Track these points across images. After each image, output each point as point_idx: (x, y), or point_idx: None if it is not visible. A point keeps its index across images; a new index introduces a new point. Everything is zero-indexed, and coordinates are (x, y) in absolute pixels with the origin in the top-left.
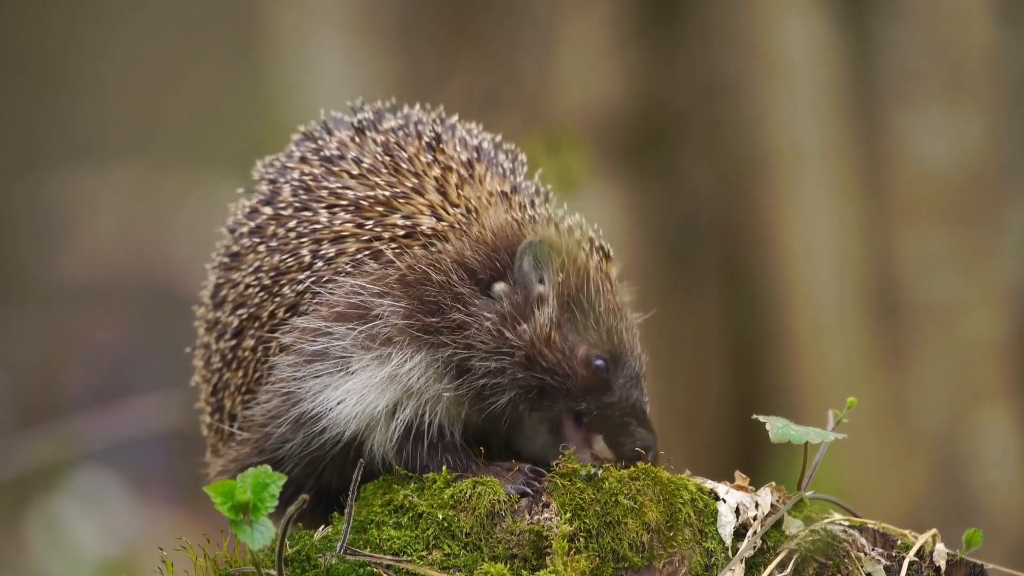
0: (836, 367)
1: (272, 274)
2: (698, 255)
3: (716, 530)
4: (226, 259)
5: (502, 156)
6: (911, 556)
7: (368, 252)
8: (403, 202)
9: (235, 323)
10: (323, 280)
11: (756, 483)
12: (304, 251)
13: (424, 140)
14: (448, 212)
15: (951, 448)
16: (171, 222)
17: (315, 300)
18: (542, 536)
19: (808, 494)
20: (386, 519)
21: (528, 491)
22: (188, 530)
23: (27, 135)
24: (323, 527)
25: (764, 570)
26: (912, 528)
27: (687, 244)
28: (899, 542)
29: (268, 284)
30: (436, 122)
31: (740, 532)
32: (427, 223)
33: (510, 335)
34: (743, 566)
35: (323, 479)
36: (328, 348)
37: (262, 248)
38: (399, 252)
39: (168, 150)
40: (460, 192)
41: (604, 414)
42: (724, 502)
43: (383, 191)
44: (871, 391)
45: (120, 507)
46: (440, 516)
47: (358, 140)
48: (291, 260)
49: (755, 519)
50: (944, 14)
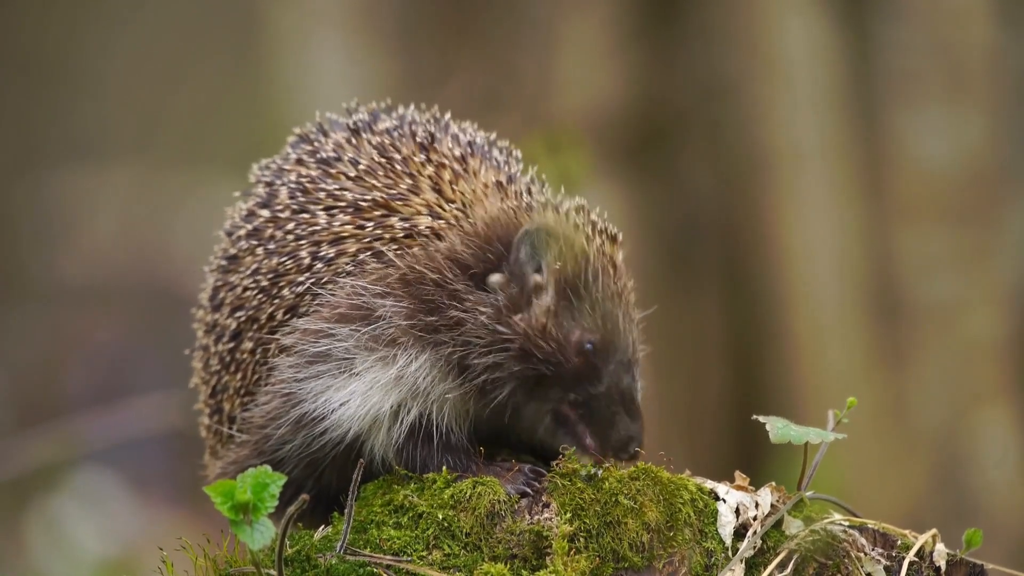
0: (836, 367)
1: (270, 276)
2: (698, 255)
3: (716, 530)
4: (224, 262)
5: (496, 151)
6: (911, 556)
7: (369, 253)
8: (400, 203)
9: (233, 325)
10: (323, 282)
11: (756, 483)
12: (303, 253)
13: (417, 140)
14: (445, 209)
15: (951, 448)
16: (171, 222)
17: (315, 302)
18: (542, 536)
19: (808, 494)
20: (386, 519)
21: (528, 491)
22: (188, 530)
23: (27, 135)
24: (323, 527)
25: (764, 570)
26: (912, 528)
27: (687, 244)
28: (899, 542)
29: (266, 286)
30: (430, 122)
31: (740, 532)
32: (424, 222)
33: (505, 328)
34: (743, 566)
35: (323, 480)
36: (330, 349)
37: (260, 251)
38: (399, 252)
39: (168, 150)
40: (455, 187)
41: (591, 404)
42: (724, 502)
43: (380, 193)
44: (871, 391)
45: (120, 507)
46: (440, 516)
47: (354, 142)
48: (290, 262)
49: (755, 519)
50: (944, 14)
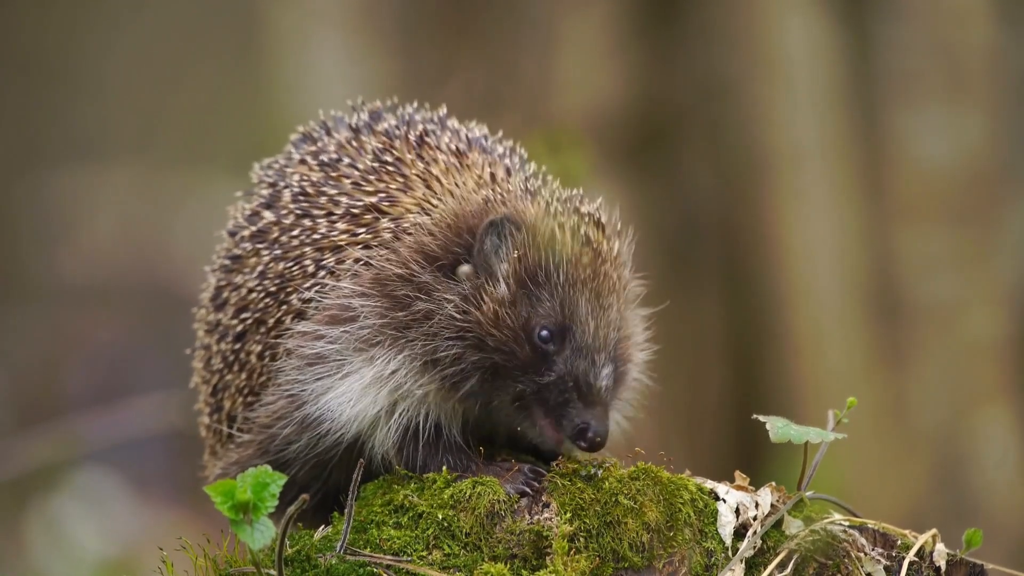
0: (836, 367)
1: (278, 281)
2: (698, 255)
3: (716, 530)
4: (227, 261)
5: (499, 146)
6: (911, 556)
7: (364, 260)
8: (388, 205)
9: (238, 327)
10: (326, 289)
11: (756, 483)
12: (307, 260)
13: (411, 139)
14: (433, 204)
15: (951, 448)
16: (171, 222)
17: (314, 305)
18: (542, 536)
19: (808, 494)
20: (386, 519)
21: (528, 491)
22: (188, 530)
23: (27, 135)
24: (323, 527)
25: (764, 570)
26: (912, 528)
27: (687, 244)
28: (899, 542)
29: (274, 291)
30: (429, 120)
31: (740, 532)
32: (411, 220)
33: (464, 318)
34: (743, 566)
35: (330, 481)
36: (324, 351)
37: (265, 253)
38: (379, 253)
39: (168, 150)
40: (444, 182)
41: (544, 393)
42: (724, 502)
43: (372, 197)
44: (871, 391)
45: (120, 507)
46: (440, 516)
47: (355, 143)
48: (296, 269)
49: (755, 519)
50: (944, 14)
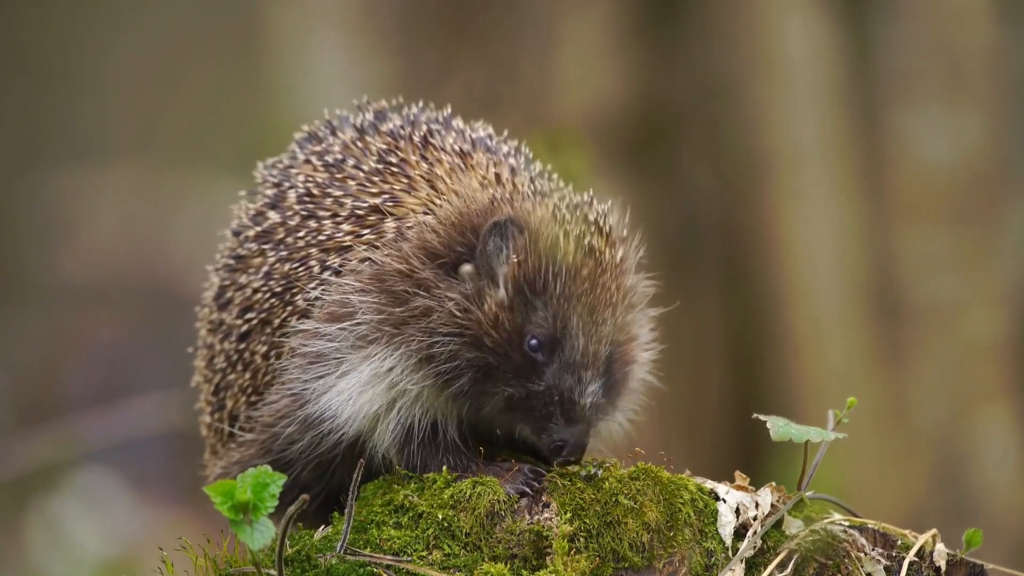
0: (836, 367)
1: (283, 282)
2: (698, 255)
3: (716, 530)
4: (231, 261)
5: (504, 146)
6: (911, 556)
7: (369, 260)
8: (392, 206)
9: (243, 327)
10: (329, 287)
11: (756, 483)
12: (312, 261)
13: (415, 140)
14: (437, 204)
15: (951, 448)
16: (171, 222)
17: (318, 304)
18: (542, 536)
19: (808, 494)
20: (386, 519)
21: (527, 491)
22: (188, 530)
23: (27, 135)
24: (323, 527)
25: (764, 570)
26: (912, 528)
27: (687, 244)
28: (899, 542)
29: (279, 292)
30: (433, 120)
31: (740, 532)
32: (415, 221)
33: (464, 316)
34: (743, 566)
35: (332, 482)
36: (324, 350)
37: (271, 254)
38: (380, 251)
39: (168, 150)
40: (449, 182)
41: (529, 402)
42: (724, 502)
43: (375, 199)
44: (871, 391)
45: (120, 507)
46: (440, 516)
47: (360, 144)
48: (302, 270)
49: (755, 519)
50: (944, 14)
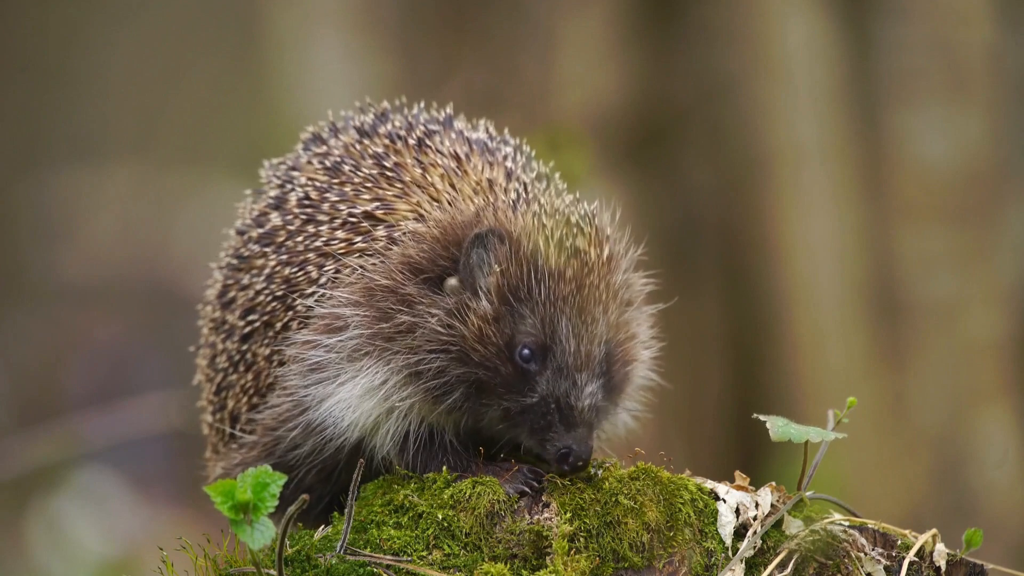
0: (836, 367)
1: (284, 286)
2: (698, 254)
3: (716, 530)
4: (234, 260)
5: (505, 147)
6: (911, 556)
7: (360, 269)
8: (383, 212)
9: (245, 328)
10: (323, 297)
11: (756, 483)
12: (310, 266)
13: (411, 143)
14: (428, 211)
15: (951, 448)
16: (171, 222)
17: (312, 313)
18: (542, 536)
19: (808, 494)
20: (386, 519)
21: (527, 491)
22: (188, 530)
23: (27, 135)
24: (323, 527)
25: (764, 570)
26: (912, 528)
27: (687, 243)
28: (899, 542)
29: (280, 295)
30: (433, 121)
31: (740, 532)
32: (405, 228)
33: (447, 332)
34: (743, 566)
35: (336, 484)
36: (322, 360)
37: (272, 257)
38: (372, 261)
39: (168, 150)
40: (443, 188)
41: (527, 413)
42: (724, 502)
43: (367, 205)
44: (871, 391)
45: (120, 507)
46: (440, 516)
47: (358, 147)
48: (300, 274)
49: (755, 519)
50: (944, 14)
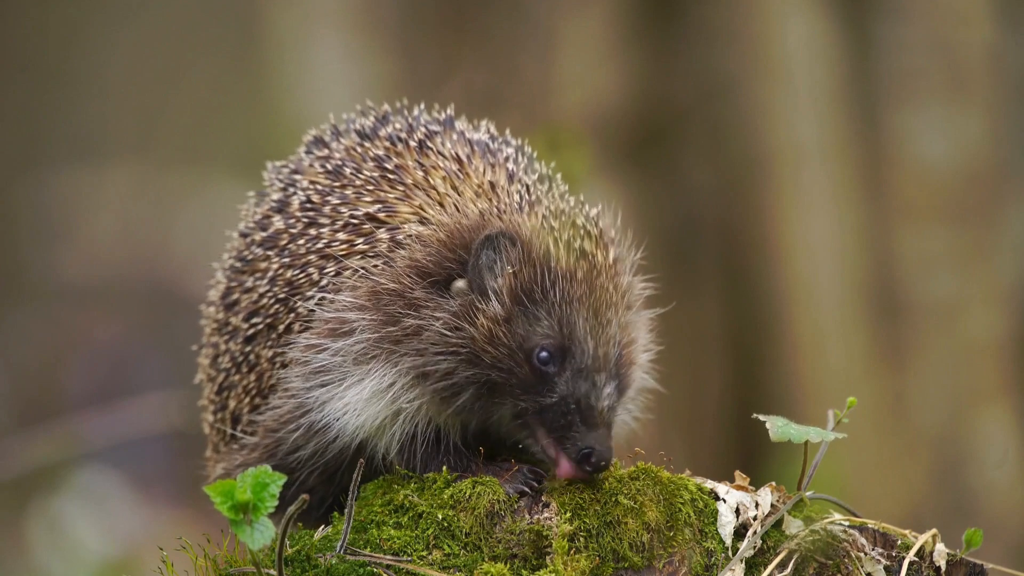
0: (836, 367)
1: (287, 289)
2: (698, 254)
3: (716, 530)
4: (238, 263)
5: (507, 147)
6: (911, 556)
7: (362, 272)
8: (386, 215)
9: (249, 330)
10: (326, 300)
11: (756, 483)
12: (312, 269)
13: (412, 145)
14: (430, 214)
15: (951, 448)
16: (171, 222)
17: (315, 316)
18: (542, 536)
19: (808, 494)
20: (386, 519)
21: (527, 491)
22: (189, 529)
23: (27, 135)
24: (323, 527)
25: (764, 570)
26: (912, 528)
27: (687, 243)
28: (899, 542)
29: (283, 297)
30: (434, 122)
31: (740, 532)
32: (408, 231)
33: (455, 334)
34: (743, 566)
35: (339, 485)
36: (327, 364)
37: (275, 259)
38: (376, 265)
39: (168, 150)
40: (444, 191)
41: (545, 414)
42: (724, 502)
43: (368, 207)
44: (871, 391)
45: (121, 507)
46: (440, 516)
47: (360, 149)
48: (303, 277)
49: (755, 519)
50: (944, 14)
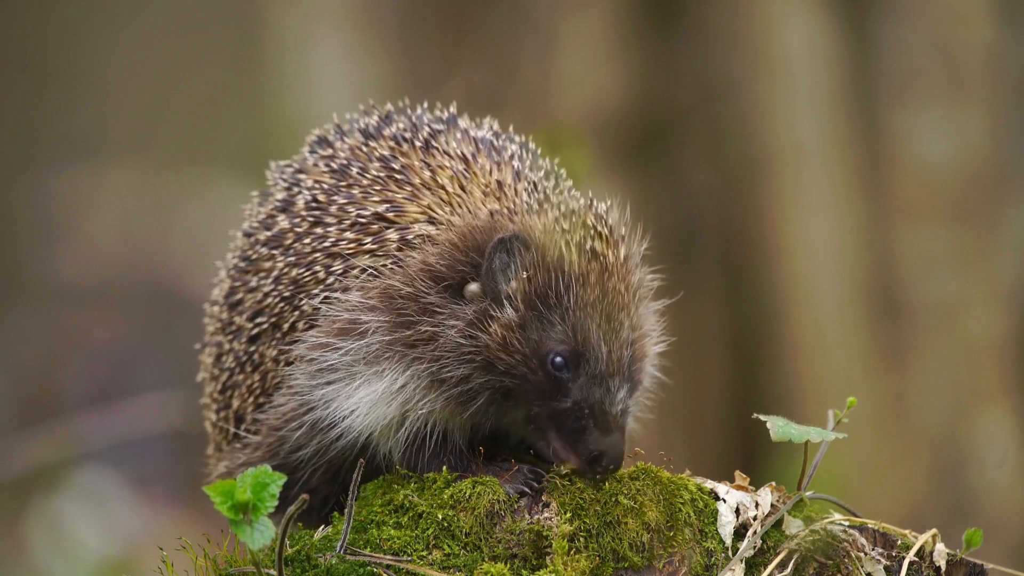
0: (836, 367)
1: (292, 287)
2: (698, 254)
3: (716, 530)
4: (242, 263)
5: (512, 145)
6: (911, 556)
7: (372, 271)
8: (394, 215)
9: (253, 329)
10: (334, 299)
11: (756, 483)
12: (318, 267)
13: (418, 144)
14: (439, 214)
15: (951, 448)
16: (171, 222)
17: (321, 315)
18: (542, 536)
19: (808, 494)
20: (386, 519)
21: (527, 491)
22: (189, 529)
23: (27, 135)
24: (323, 527)
25: (764, 570)
26: (912, 528)
27: (687, 243)
28: (899, 542)
29: (288, 296)
30: (438, 121)
31: (740, 532)
32: (418, 231)
33: (469, 340)
34: (743, 566)
35: (341, 486)
36: (336, 362)
37: (280, 259)
38: (387, 265)
39: (168, 150)
40: (453, 190)
41: (559, 418)
42: (724, 502)
43: (377, 207)
44: (871, 391)
45: (121, 507)
46: (440, 516)
47: (365, 149)
48: (308, 276)
49: (755, 519)
50: (944, 14)
